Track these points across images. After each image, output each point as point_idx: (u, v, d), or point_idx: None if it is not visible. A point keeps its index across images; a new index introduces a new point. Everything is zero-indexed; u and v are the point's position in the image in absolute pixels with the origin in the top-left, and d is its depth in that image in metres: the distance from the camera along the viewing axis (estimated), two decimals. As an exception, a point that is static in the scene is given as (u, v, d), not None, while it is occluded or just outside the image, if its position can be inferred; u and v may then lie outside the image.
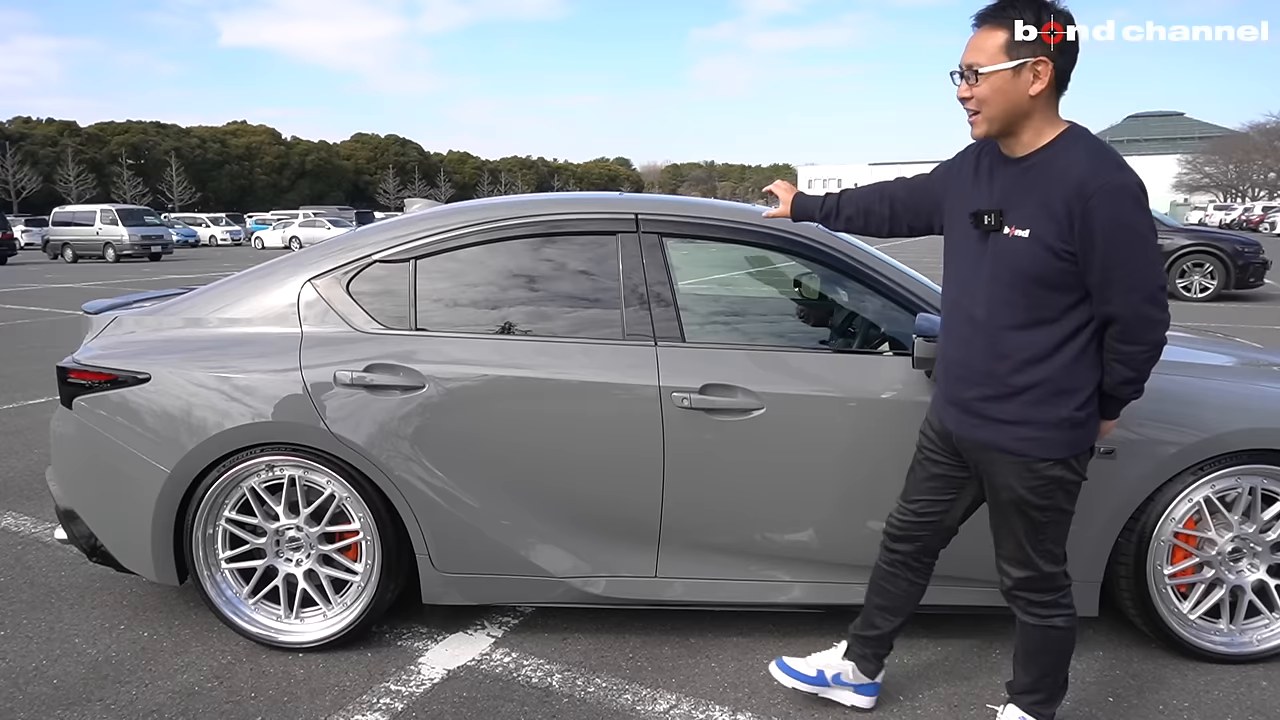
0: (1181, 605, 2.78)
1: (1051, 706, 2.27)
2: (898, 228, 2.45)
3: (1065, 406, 2.01)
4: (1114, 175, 1.88)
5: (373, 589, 2.84)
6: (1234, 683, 2.69)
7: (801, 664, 2.53)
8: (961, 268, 2.14)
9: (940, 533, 2.35)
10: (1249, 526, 2.75)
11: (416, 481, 2.76)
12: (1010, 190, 2.02)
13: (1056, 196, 1.91)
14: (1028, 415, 2.03)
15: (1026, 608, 2.18)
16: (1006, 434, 2.06)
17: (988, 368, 2.06)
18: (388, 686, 2.68)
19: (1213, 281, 13.63)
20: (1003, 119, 1.99)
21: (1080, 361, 2.00)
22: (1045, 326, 1.99)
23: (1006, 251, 1.99)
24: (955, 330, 2.16)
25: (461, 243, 2.93)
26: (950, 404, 2.19)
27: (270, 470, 2.82)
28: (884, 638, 2.47)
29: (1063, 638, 2.19)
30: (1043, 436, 2.03)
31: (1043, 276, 1.95)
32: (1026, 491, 2.07)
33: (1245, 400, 2.78)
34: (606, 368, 2.75)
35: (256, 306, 2.95)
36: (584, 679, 2.72)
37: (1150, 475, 2.66)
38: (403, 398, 2.75)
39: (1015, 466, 2.06)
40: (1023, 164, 2.01)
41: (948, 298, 2.21)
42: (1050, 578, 2.15)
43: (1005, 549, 2.18)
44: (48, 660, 2.85)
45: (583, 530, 2.81)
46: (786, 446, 2.70)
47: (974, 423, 2.12)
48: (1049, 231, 1.92)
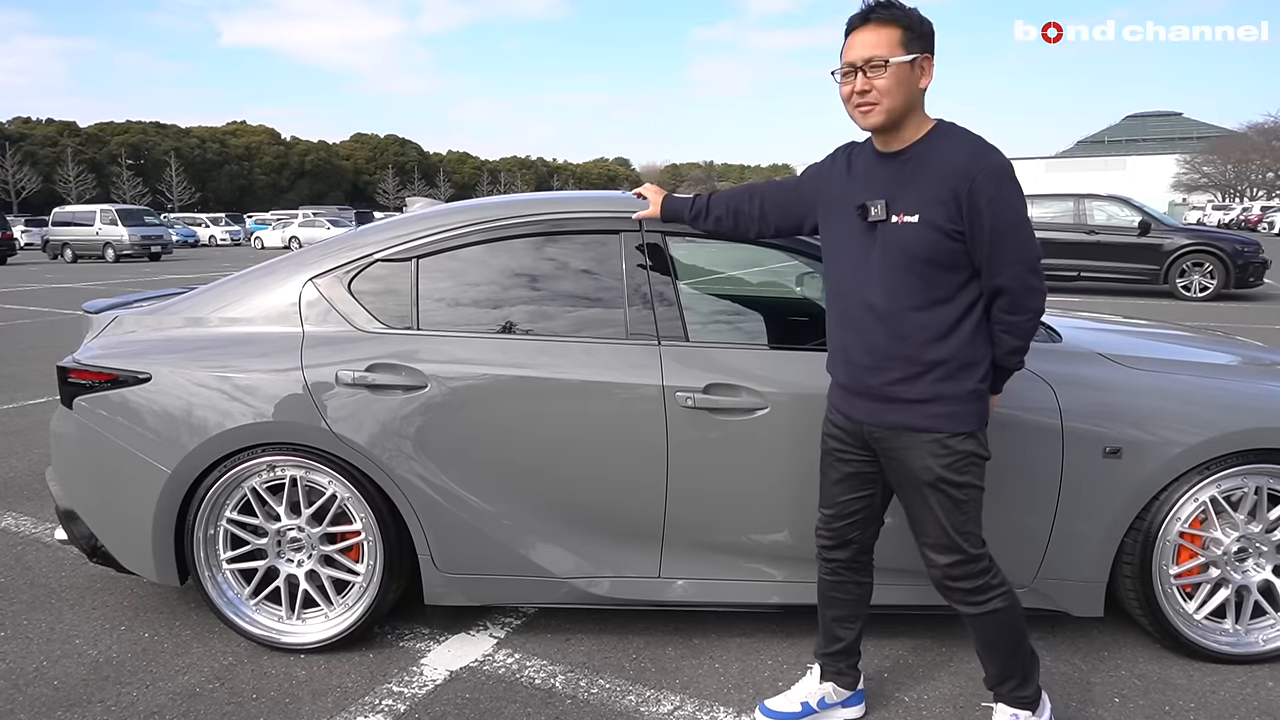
0: (1187, 605, 2.77)
1: (1030, 686, 2.28)
2: (765, 228, 2.56)
3: (970, 379, 2.11)
4: (992, 158, 2.02)
5: (375, 590, 2.83)
6: (1240, 683, 2.68)
7: (783, 702, 2.51)
8: (848, 261, 2.20)
9: (869, 526, 2.39)
10: (1255, 526, 2.74)
11: (418, 481, 2.75)
12: (892, 182, 2.11)
13: (943, 182, 2.03)
14: (937, 391, 2.10)
15: (963, 599, 2.21)
16: (919, 412, 2.12)
17: (894, 351, 2.13)
18: (390, 688, 2.66)
19: (1212, 281, 13.62)
20: (900, 109, 2.08)
21: (977, 335, 2.12)
22: (942, 306, 2.09)
23: (898, 238, 2.08)
24: (853, 320, 2.20)
25: (463, 242, 2.91)
26: (857, 395, 2.22)
27: (272, 470, 2.80)
28: (850, 647, 2.48)
29: (1007, 618, 2.22)
30: (954, 411, 2.11)
31: (935, 258, 2.06)
32: (943, 469, 2.12)
33: (1250, 399, 2.76)
34: (609, 367, 2.74)
35: (258, 306, 2.93)
36: (587, 680, 2.71)
37: (1156, 475, 2.65)
38: (405, 397, 2.74)
39: (930, 445, 2.12)
40: (901, 157, 2.12)
41: (835, 292, 2.27)
42: (976, 559, 2.18)
43: (929, 535, 2.20)
44: (48, 661, 2.83)
45: (585, 530, 2.79)
46: (791, 446, 2.69)
47: (885, 408, 2.16)
48: (938, 214, 2.03)
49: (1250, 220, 44.88)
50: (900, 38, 2.05)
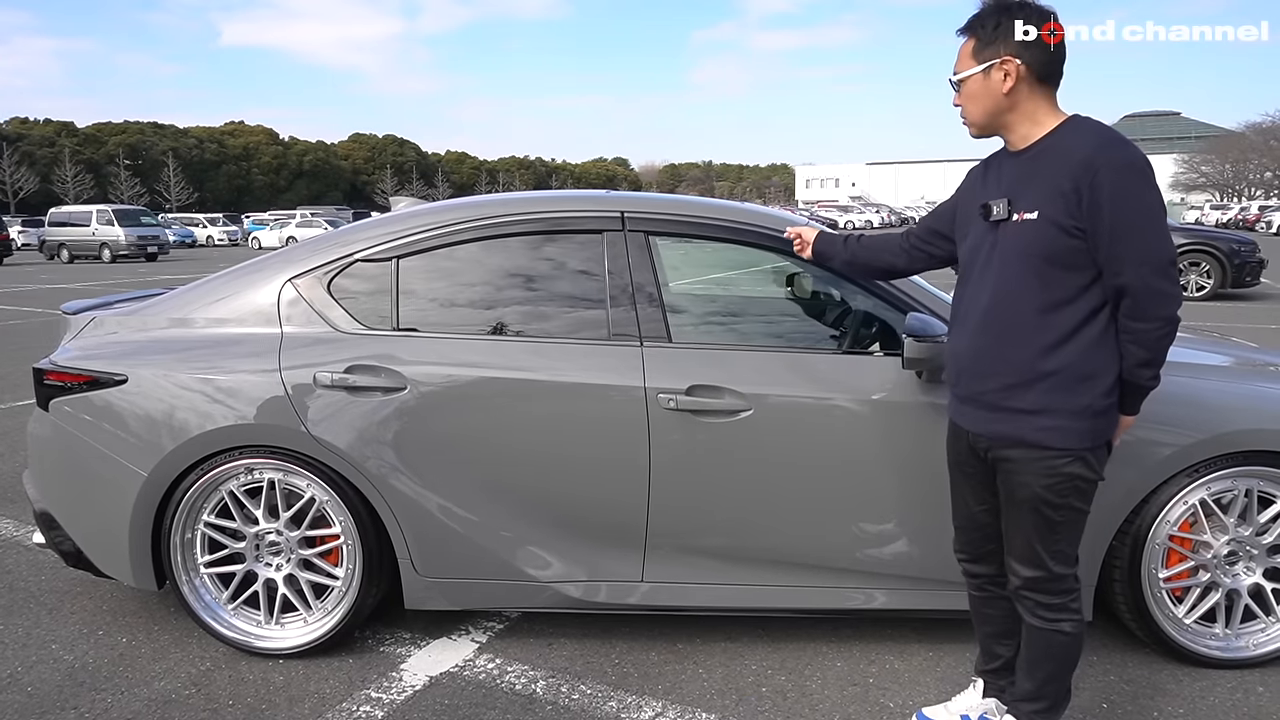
0: (1177, 609, 2.74)
1: (1054, 716, 2.20)
2: (916, 261, 2.44)
3: (1088, 393, 1.97)
4: (1119, 151, 1.91)
5: (354, 594, 2.79)
6: (1230, 689, 2.64)
7: (943, 713, 2.41)
8: (970, 264, 2.14)
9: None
10: (1245, 529, 2.70)
11: (398, 484, 2.71)
12: (1017, 180, 2.03)
13: (1064, 175, 1.93)
14: (1048, 403, 1.98)
15: (1034, 610, 2.12)
16: (1026, 425, 2.01)
17: (1005, 356, 2.02)
18: (368, 694, 2.63)
19: (1209, 280, 13.60)
20: (985, 119, 2.07)
21: (1101, 345, 1.97)
22: (1063, 309, 1.97)
23: (1017, 236, 1.99)
24: (968, 325, 2.12)
25: (445, 241, 2.87)
26: (965, 402, 2.14)
27: (250, 473, 2.77)
28: (1011, 662, 2.35)
29: (1069, 644, 2.12)
30: (1062, 426, 1.98)
31: (1054, 255, 1.95)
32: (1043, 489, 2.02)
33: (1242, 400, 2.73)
34: (591, 368, 2.70)
35: (237, 306, 2.89)
36: (569, 685, 2.67)
37: (1145, 477, 2.62)
38: (384, 399, 2.70)
39: (1034, 462, 2.01)
40: (1027, 154, 2.04)
41: (959, 296, 2.19)
42: (1060, 579, 2.09)
43: (1016, 548, 2.12)
44: (23, 667, 2.79)
45: (567, 534, 2.76)
46: (774, 448, 2.65)
47: (991, 417, 2.07)
48: (1058, 209, 1.93)
49: (1248, 220, 44.86)
50: (971, 49, 2.03)
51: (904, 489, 2.66)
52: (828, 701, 2.59)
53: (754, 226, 2.87)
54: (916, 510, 2.66)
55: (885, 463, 2.66)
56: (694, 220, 2.92)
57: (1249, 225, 42.83)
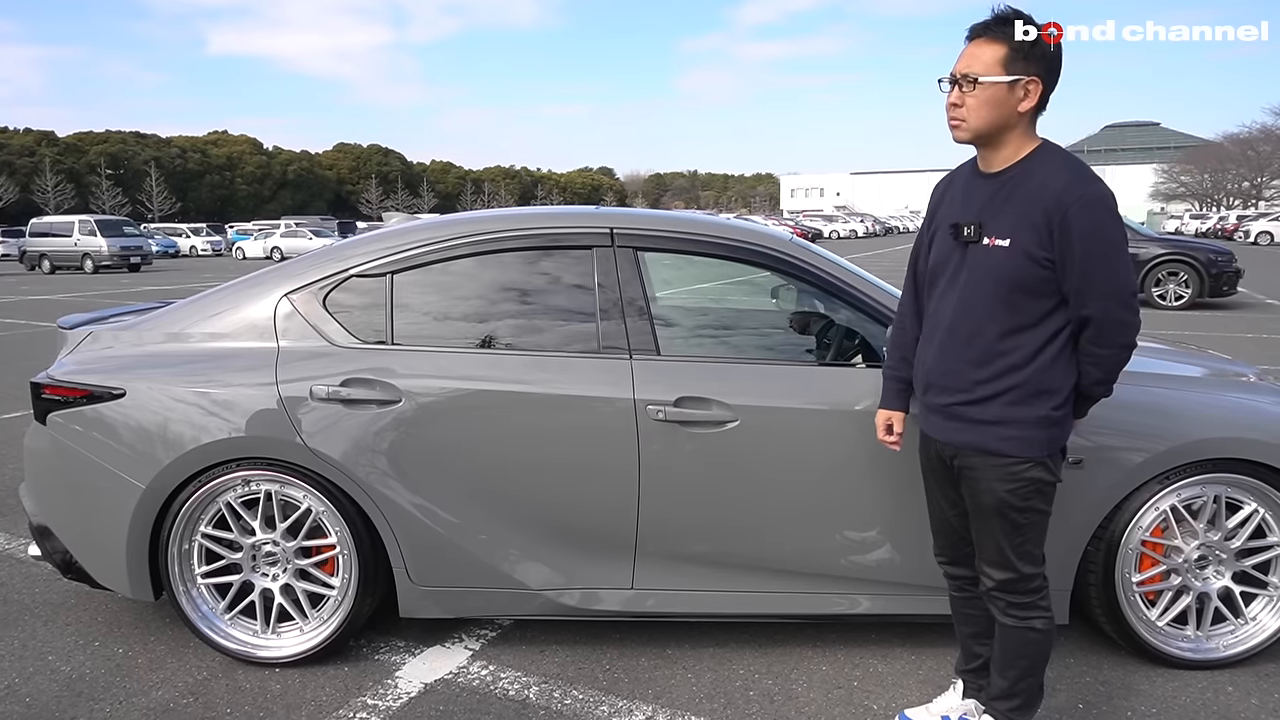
0: (1149, 612, 2.83)
1: (1027, 714, 2.29)
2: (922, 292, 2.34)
3: (1043, 406, 2.08)
4: (1090, 188, 1.99)
5: (350, 603, 2.84)
6: (1201, 689, 2.73)
7: (924, 714, 2.50)
8: (939, 280, 2.21)
9: None
10: (1214, 534, 2.80)
11: (393, 495, 2.77)
12: (988, 203, 2.10)
13: (1036, 207, 2.00)
14: (1007, 415, 2.08)
15: (1006, 609, 2.21)
16: (988, 435, 2.11)
17: (970, 374, 2.12)
18: (364, 701, 2.68)
19: (1187, 290, 13.81)
20: (986, 130, 2.08)
21: (1057, 364, 2.08)
22: (1025, 331, 2.06)
23: (988, 260, 2.07)
24: (933, 340, 2.21)
25: (438, 257, 2.94)
26: (933, 412, 2.24)
27: (246, 485, 2.82)
28: (990, 662, 2.41)
29: (1040, 641, 2.22)
30: (1022, 435, 2.08)
31: (1023, 283, 2.03)
32: (1007, 494, 2.12)
33: (1211, 411, 2.83)
34: (582, 381, 2.77)
35: (234, 321, 2.95)
36: (561, 691, 2.73)
37: (1118, 484, 2.71)
38: (378, 412, 2.76)
39: (996, 469, 2.11)
40: (1000, 178, 2.10)
41: (927, 311, 2.27)
42: (1029, 579, 2.18)
43: (986, 552, 2.21)
44: (20, 678, 2.83)
45: (559, 543, 2.82)
46: (761, 458, 2.73)
47: (956, 427, 2.17)
48: (1029, 240, 2.01)
49: (1227, 229, 45.45)
50: (1003, 56, 2.02)
51: (886, 497, 2.74)
52: (813, 704, 2.66)
53: (738, 242, 2.96)
54: (898, 517, 2.74)
55: (867, 471, 2.74)
56: (681, 236, 3.00)
57: (1227, 235, 43.38)
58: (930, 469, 2.34)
